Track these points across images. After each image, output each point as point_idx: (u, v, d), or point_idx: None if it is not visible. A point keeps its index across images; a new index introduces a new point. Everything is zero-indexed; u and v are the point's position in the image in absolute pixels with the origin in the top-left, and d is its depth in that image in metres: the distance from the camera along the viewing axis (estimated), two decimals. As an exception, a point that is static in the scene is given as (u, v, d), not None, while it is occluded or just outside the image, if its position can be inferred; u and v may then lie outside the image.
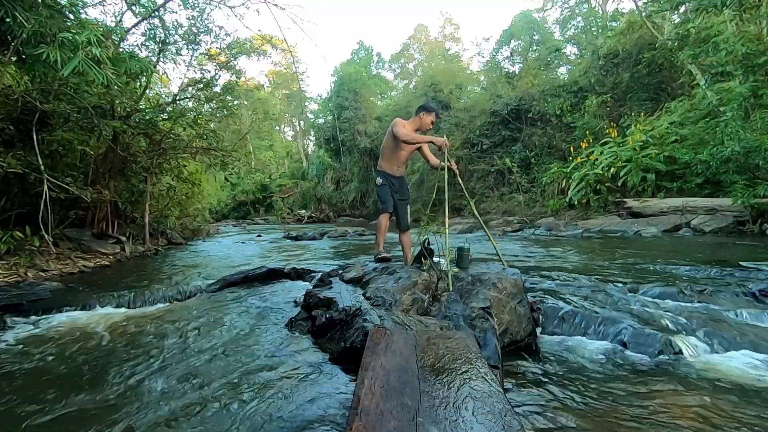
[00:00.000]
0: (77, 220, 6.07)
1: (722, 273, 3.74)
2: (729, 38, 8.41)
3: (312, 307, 2.46)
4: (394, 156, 3.48)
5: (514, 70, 21.61)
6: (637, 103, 13.05)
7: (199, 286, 3.66)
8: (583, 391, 1.66)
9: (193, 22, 7.38)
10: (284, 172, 30.70)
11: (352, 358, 1.74)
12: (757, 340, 2.07)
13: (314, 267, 4.47)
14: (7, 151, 4.53)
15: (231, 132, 12.39)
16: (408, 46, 33.47)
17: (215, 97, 8.05)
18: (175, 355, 2.08)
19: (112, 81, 4.33)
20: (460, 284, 2.49)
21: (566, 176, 12.70)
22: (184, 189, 9.18)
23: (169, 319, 2.75)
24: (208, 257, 6.63)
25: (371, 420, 1.05)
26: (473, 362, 1.43)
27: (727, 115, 8.01)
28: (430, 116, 3.40)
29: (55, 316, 2.83)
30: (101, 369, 1.93)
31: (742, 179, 7.81)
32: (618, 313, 2.44)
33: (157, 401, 1.58)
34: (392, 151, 3.47)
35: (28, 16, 3.75)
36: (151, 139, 7.16)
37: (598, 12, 22.34)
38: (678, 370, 1.86)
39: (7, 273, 4.08)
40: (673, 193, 9.93)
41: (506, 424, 1.05)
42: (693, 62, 10.20)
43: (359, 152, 22.29)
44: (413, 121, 3.44)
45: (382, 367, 1.36)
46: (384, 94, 31.00)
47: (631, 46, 13.20)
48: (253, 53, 9.96)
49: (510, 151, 16.31)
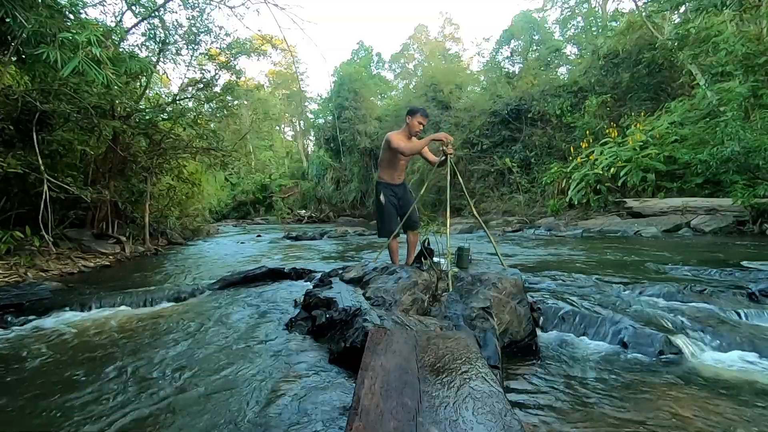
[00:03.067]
0: (77, 220, 6.07)
1: (722, 273, 3.74)
2: (729, 38, 8.41)
3: (312, 307, 2.46)
4: (393, 166, 3.50)
5: (514, 70, 21.60)
6: (637, 103, 13.05)
7: (199, 286, 3.66)
8: (583, 391, 1.66)
9: (193, 22, 7.39)
10: (284, 172, 30.71)
11: (352, 358, 1.74)
12: (757, 340, 2.07)
13: (314, 267, 4.47)
14: (7, 151, 4.53)
15: (231, 132, 12.41)
16: (408, 46, 33.48)
17: (215, 97, 8.05)
18: (174, 356, 2.08)
19: (112, 81, 4.34)
20: (460, 284, 2.49)
21: (566, 176, 12.70)
22: (184, 189, 9.19)
23: (169, 320, 2.75)
24: (208, 257, 6.63)
25: (371, 420, 1.05)
26: (473, 362, 1.43)
27: (727, 115, 8.01)
28: (416, 118, 3.36)
29: (56, 316, 2.83)
30: (101, 369, 1.93)
31: (742, 179, 7.81)
32: (618, 313, 2.44)
33: (157, 401, 1.58)
34: (390, 163, 3.49)
35: (28, 16, 3.75)
36: (151, 139, 7.17)
37: (598, 12, 22.34)
38: (678, 370, 1.85)
39: (7, 273, 4.08)
40: (673, 193, 9.93)
41: (506, 425, 1.05)
42: (693, 62, 10.21)
43: (359, 152, 22.29)
44: (403, 130, 3.43)
45: (382, 367, 1.36)
46: (384, 94, 30.97)
47: (631, 46, 13.20)
48: (253, 53, 9.95)
49: (510, 151, 16.30)
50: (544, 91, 15.97)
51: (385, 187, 3.51)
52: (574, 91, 15.23)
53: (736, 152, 7.11)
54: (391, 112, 22.14)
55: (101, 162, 6.51)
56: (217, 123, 9.49)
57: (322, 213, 23.01)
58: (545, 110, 15.24)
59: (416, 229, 3.50)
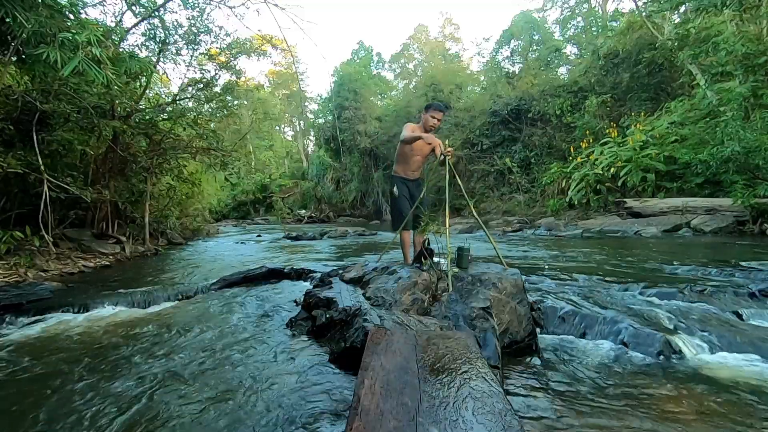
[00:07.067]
0: (77, 220, 6.07)
1: (722, 273, 3.74)
2: (729, 38, 8.41)
3: (312, 307, 2.46)
4: (406, 161, 3.52)
5: (514, 70, 21.59)
6: (637, 103, 13.05)
7: (199, 286, 3.66)
8: (583, 391, 1.66)
9: (193, 22, 7.38)
10: (284, 172, 30.72)
11: (352, 358, 1.74)
12: (757, 340, 2.07)
13: (314, 267, 4.47)
14: (7, 151, 4.53)
15: (231, 132, 12.40)
16: (408, 46, 33.45)
17: (215, 97, 8.05)
18: (175, 356, 2.08)
19: (112, 81, 4.34)
20: (460, 284, 2.49)
21: (566, 176, 12.70)
22: (184, 189, 9.19)
23: (169, 320, 2.75)
24: (208, 257, 6.63)
25: (371, 420, 1.05)
26: (473, 362, 1.43)
27: (727, 115, 8.01)
28: (429, 113, 3.39)
29: (56, 316, 2.83)
30: (101, 369, 1.93)
31: (742, 179, 7.80)
32: (618, 313, 2.44)
33: (157, 400, 1.58)
34: (403, 157, 3.52)
35: (28, 16, 3.75)
36: (151, 139, 7.16)
37: (598, 12, 22.35)
38: (678, 370, 1.86)
39: (7, 273, 4.08)
40: (673, 193, 9.93)
41: (506, 424, 1.05)
42: (693, 62, 10.20)
43: (359, 152, 22.29)
44: (419, 124, 3.48)
45: (382, 367, 1.36)
46: (384, 94, 30.96)
47: (631, 46, 13.19)
48: (253, 53, 9.94)
49: (510, 151, 16.31)
50: (544, 91, 15.97)
51: (398, 180, 3.54)
52: (574, 91, 15.22)
53: (736, 152, 7.10)
54: (391, 112, 22.15)
55: (101, 162, 6.50)
56: (217, 123, 9.48)
57: (322, 213, 23.00)
58: (545, 110, 15.24)
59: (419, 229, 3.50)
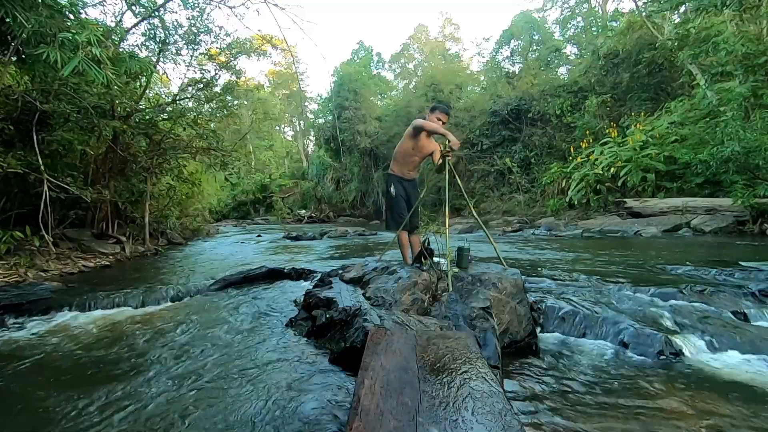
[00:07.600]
0: (77, 220, 6.06)
1: (722, 273, 3.74)
2: (729, 38, 8.40)
3: (312, 307, 2.46)
4: (406, 161, 3.50)
5: (514, 70, 21.58)
6: (637, 103, 13.05)
7: (199, 286, 3.66)
8: (583, 392, 1.66)
9: (193, 22, 7.38)
10: (284, 172, 30.71)
11: (352, 358, 1.74)
12: (757, 340, 2.07)
13: (314, 267, 4.47)
14: (7, 151, 4.53)
15: (231, 132, 12.40)
16: (408, 46, 33.44)
17: (215, 97, 8.05)
18: (175, 355, 2.08)
19: (112, 81, 4.34)
20: (460, 284, 2.49)
21: (566, 176, 12.70)
22: (184, 189, 9.18)
23: (169, 320, 2.75)
24: (208, 257, 6.63)
25: (371, 420, 1.05)
26: (473, 362, 1.43)
27: (727, 115, 8.00)
28: (435, 114, 3.37)
29: (56, 316, 2.83)
30: (101, 368, 1.93)
31: (742, 179, 7.80)
32: (618, 313, 2.44)
33: (157, 400, 1.58)
34: (404, 156, 3.49)
35: (28, 16, 3.75)
36: (151, 139, 7.16)
37: (598, 12, 22.34)
38: (678, 370, 1.86)
39: (7, 273, 4.08)
40: (673, 193, 9.92)
41: (506, 424, 1.05)
42: (693, 62, 10.20)
43: (359, 152, 22.28)
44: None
45: (382, 367, 1.36)
46: (384, 94, 30.95)
47: (631, 46, 13.19)
48: (253, 53, 9.94)
49: (510, 151, 16.31)
50: (544, 91, 15.97)
51: (395, 179, 3.52)
52: (574, 91, 15.22)
53: (736, 152, 7.10)
54: (391, 112, 22.12)
55: (101, 162, 6.50)
56: (217, 123, 9.48)
57: (322, 213, 22.99)
58: (545, 110, 15.24)
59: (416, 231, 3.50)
